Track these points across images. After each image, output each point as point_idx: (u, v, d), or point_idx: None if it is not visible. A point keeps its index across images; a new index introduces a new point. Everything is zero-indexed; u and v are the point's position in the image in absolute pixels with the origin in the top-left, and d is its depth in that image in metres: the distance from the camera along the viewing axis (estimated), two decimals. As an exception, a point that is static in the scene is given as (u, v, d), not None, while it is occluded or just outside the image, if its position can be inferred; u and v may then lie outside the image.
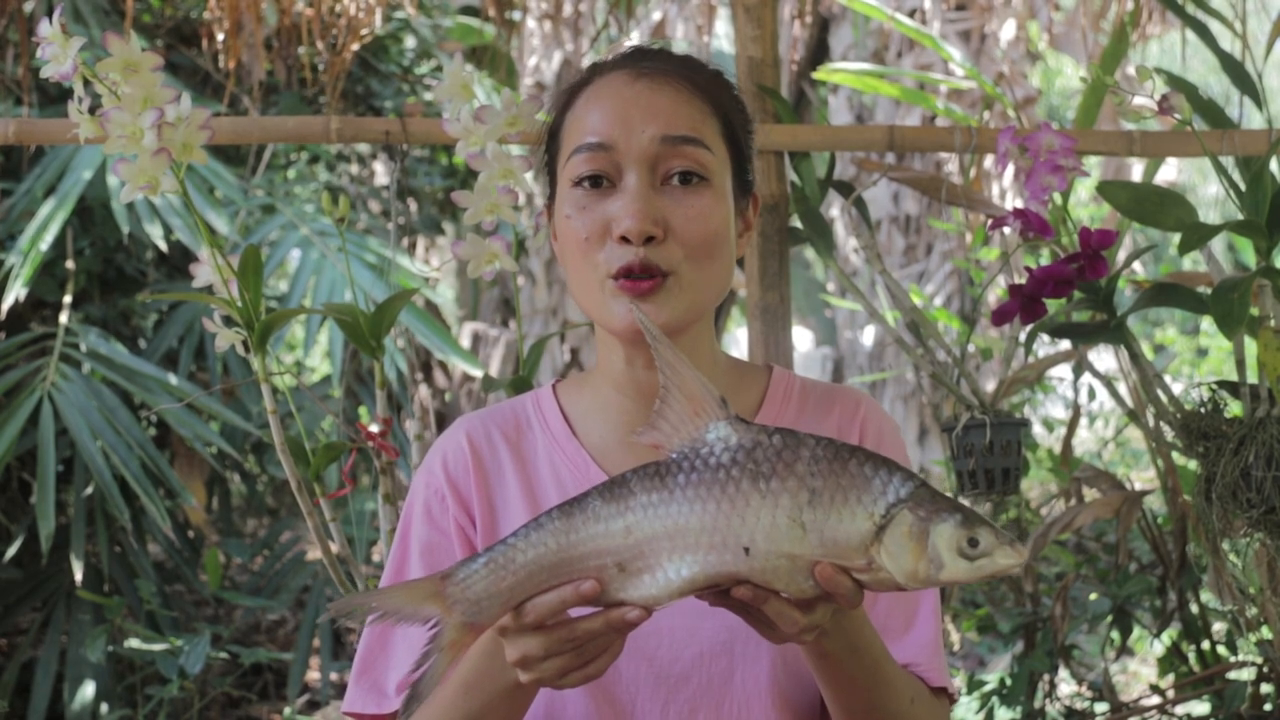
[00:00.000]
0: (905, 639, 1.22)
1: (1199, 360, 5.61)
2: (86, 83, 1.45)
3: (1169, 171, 6.60)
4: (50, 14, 1.48)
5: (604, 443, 1.25)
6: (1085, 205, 5.09)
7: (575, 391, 1.29)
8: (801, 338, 9.01)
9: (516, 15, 5.01)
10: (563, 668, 1.00)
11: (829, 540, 0.95)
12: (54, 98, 3.63)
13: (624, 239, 1.13)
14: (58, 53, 1.43)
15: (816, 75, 2.69)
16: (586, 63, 1.24)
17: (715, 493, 0.96)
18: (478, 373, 3.91)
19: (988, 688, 2.59)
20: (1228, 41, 2.04)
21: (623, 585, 0.98)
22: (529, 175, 1.58)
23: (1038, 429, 4.63)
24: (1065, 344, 2.60)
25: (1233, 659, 2.45)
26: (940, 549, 0.94)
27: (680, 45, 6.16)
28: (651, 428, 1.01)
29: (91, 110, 1.46)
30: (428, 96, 4.62)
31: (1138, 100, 1.66)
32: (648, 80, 1.17)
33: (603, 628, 0.99)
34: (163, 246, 3.33)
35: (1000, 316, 1.78)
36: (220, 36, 2.90)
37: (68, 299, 3.43)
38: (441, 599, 0.99)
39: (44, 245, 3.16)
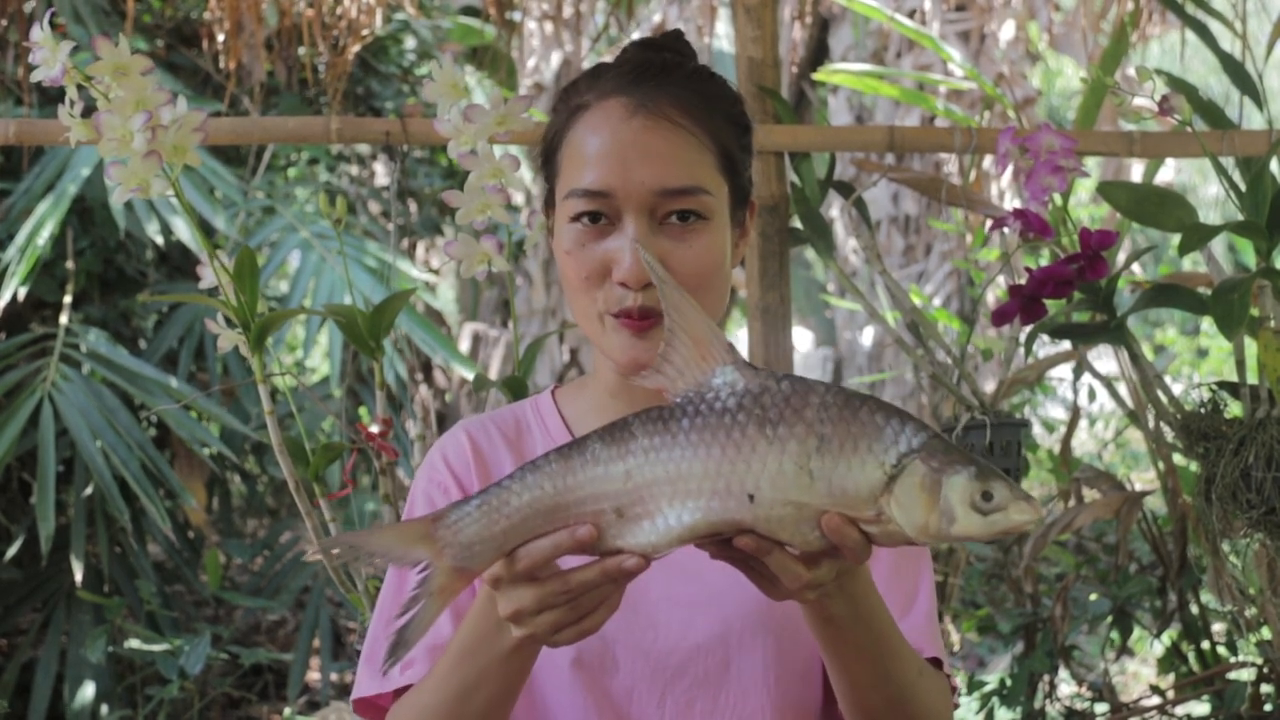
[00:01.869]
0: (905, 620, 1.20)
1: (1199, 361, 5.61)
2: (82, 85, 1.45)
3: (1166, 172, 6.60)
4: (49, 14, 1.48)
5: None
6: (1084, 205, 5.09)
7: (574, 396, 1.30)
8: (802, 338, 9.01)
9: (516, 16, 5.01)
10: (556, 622, 0.97)
11: (837, 489, 0.91)
12: (54, 98, 3.63)
13: (623, 283, 1.13)
14: (48, 56, 1.43)
15: (816, 76, 2.69)
16: (587, 64, 1.22)
17: (720, 437, 0.93)
18: (473, 375, 3.92)
19: (988, 688, 2.59)
20: (1228, 42, 2.04)
21: (621, 532, 0.94)
22: (520, 175, 1.58)
23: (1038, 430, 4.63)
24: (1065, 345, 2.60)
25: (1233, 659, 2.45)
26: (953, 501, 0.91)
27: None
28: (656, 371, 0.98)
29: (88, 112, 1.46)
30: (427, 97, 4.62)
31: (1138, 101, 1.66)
32: (644, 117, 1.15)
33: (598, 578, 0.95)
34: (160, 243, 3.33)
35: (1000, 317, 1.78)
36: (221, 37, 2.90)
37: (68, 299, 3.43)
38: (432, 541, 0.96)
39: (41, 241, 3.16)
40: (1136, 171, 5.22)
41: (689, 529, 0.93)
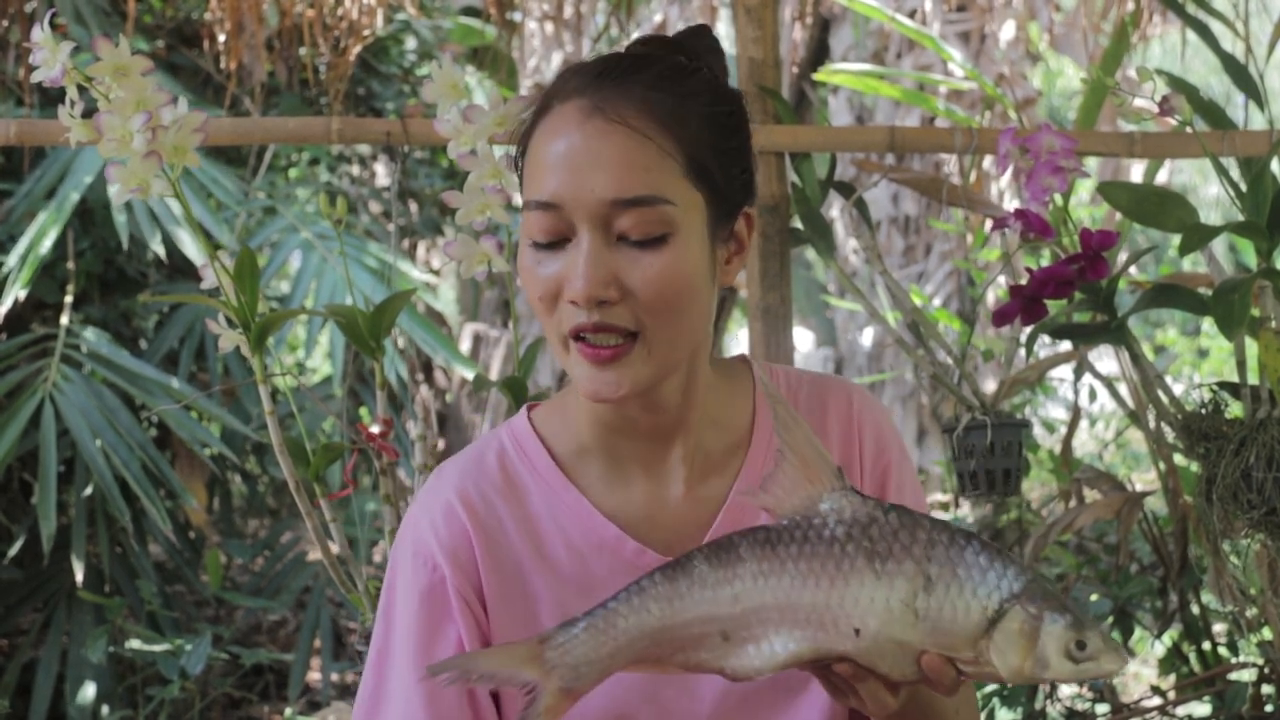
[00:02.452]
0: None
1: (1200, 361, 5.61)
2: (83, 86, 1.45)
3: (1163, 173, 6.59)
4: (50, 14, 1.48)
5: (603, 484, 1.17)
6: (1085, 206, 5.09)
7: (556, 424, 1.20)
8: (802, 338, 9.00)
9: (517, 16, 5.01)
10: None
11: (941, 630, 0.93)
12: (55, 98, 3.62)
13: (573, 302, 1.05)
14: (48, 57, 1.43)
15: (817, 76, 2.69)
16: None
17: (829, 569, 0.94)
18: (473, 376, 3.92)
19: (989, 689, 2.59)
20: (1229, 42, 2.04)
21: (725, 654, 0.95)
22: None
23: (1038, 430, 4.62)
24: (1066, 345, 2.59)
25: (1234, 660, 2.45)
26: (1048, 649, 0.92)
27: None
28: (764, 490, 0.98)
29: (89, 113, 1.46)
30: (427, 97, 4.62)
31: (1138, 101, 1.66)
32: (599, 121, 1.05)
33: None
34: (162, 253, 3.33)
35: (1001, 317, 1.78)
36: (221, 38, 2.90)
37: (69, 300, 3.43)
38: (540, 663, 0.96)
39: (43, 250, 3.17)
40: (1136, 172, 5.22)
41: (794, 656, 0.95)
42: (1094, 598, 2.64)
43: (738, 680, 0.96)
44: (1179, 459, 2.48)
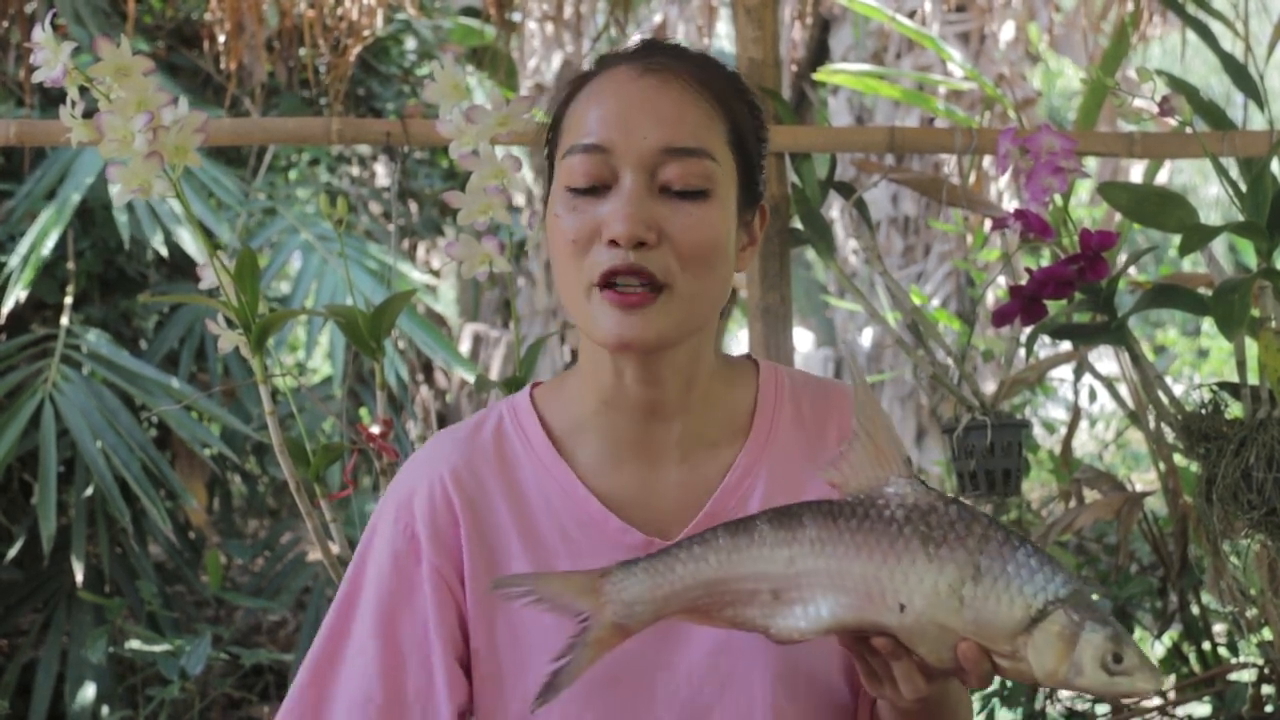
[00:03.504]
0: None
1: (1200, 361, 5.61)
2: (84, 87, 1.45)
3: (1163, 174, 6.59)
4: (50, 15, 1.48)
5: (594, 461, 1.17)
6: (1084, 206, 5.09)
7: (555, 401, 1.21)
8: (802, 338, 9.01)
9: (517, 17, 5.01)
10: None
11: (982, 620, 0.95)
12: (56, 99, 3.62)
13: (614, 242, 1.06)
14: (49, 57, 1.43)
15: (817, 76, 2.69)
16: (588, 65, 1.20)
17: (884, 545, 0.97)
18: (474, 377, 3.93)
19: (989, 689, 2.58)
20: (1229, 42, 2.04)
21: (773, 613, 0.99)
22: (522, 175, 1.57)
23: (1038, 430, 4.62)
24: (1066, 345, 2.60)
25: (1234, 660, 2.45)
26: (1085, 657, 0.95)
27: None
28: (833, 466, 1.01)
29: (90, 113, 1.46)
30: (428, 98, 4.62)
31: (1138, 102, 1.66)
32: (654, 78, 1.09)
33: None
34: (164, 253, 3.33)
35: (1001, 318, 1.78)
36: (221, 38, 2.90)
37: (69, 300, 3.43)
38: (596, 595, 1.00)
39: (45, 250, 3.17)
40: (1136, 172, 5.21)
41: (837, 621, 0.98)
42: (1094, 598, 2.64)
43: (780, 642, 0.99)
44: (1179, 459, 2.48)
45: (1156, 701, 2.54)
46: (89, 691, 3.21)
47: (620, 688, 1.13)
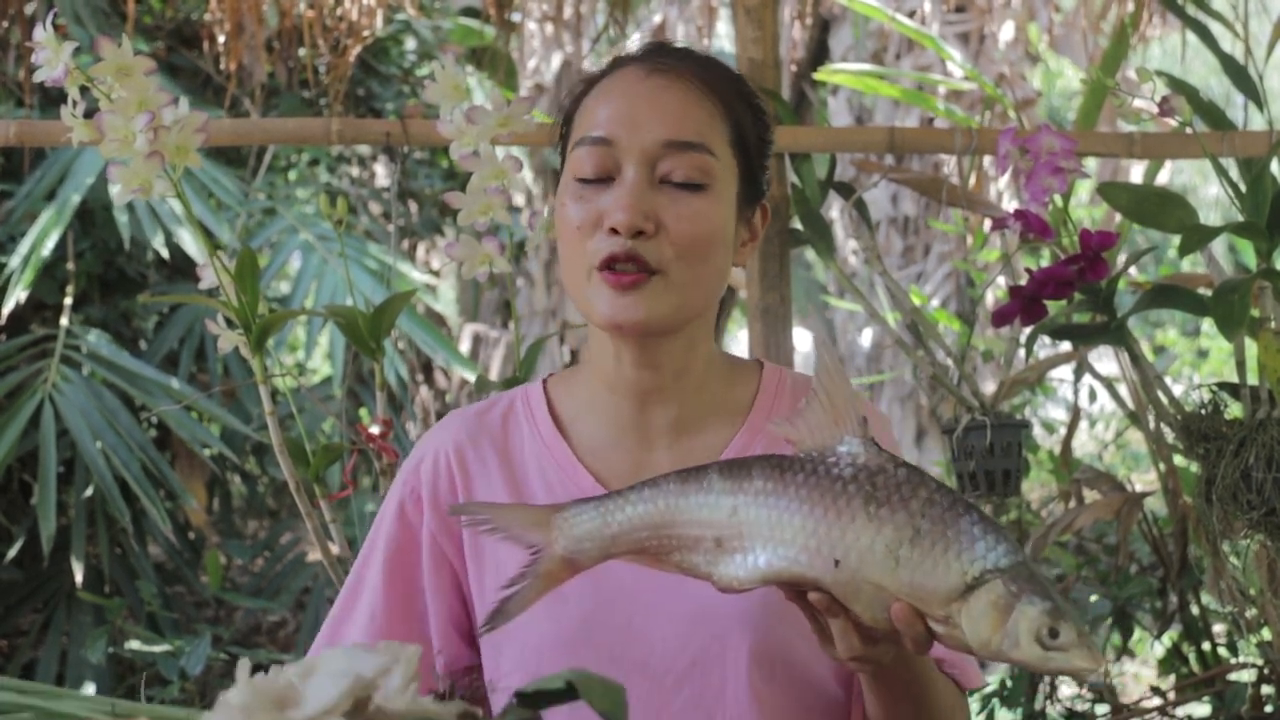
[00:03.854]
0: None
1: (1199, 362, 5.61)
2: (85, 87, 1.45)
3: (1163, 174, 6.59)
4: (51, 15, 1.48)
5: (593, 442, 1.24)
6: (1084, 206, 5.09)
7: (565, 388, 1.29)
8: (802, 338, 9.00)
9: (517, 17, 5.01)
10: None
11: (916, 582, 0.95)
12: (56, 99, 3.62)
13: (614, 230, 1.13)
14: (50, 57, 1.43)
15: (817, 76, 2.69)
16: (587, 65, 1.23)
17: (827, 500, 0.97)
18: (474, 377, 3.93)
19: (989, 689, 2.58)
20: (1228, 43, 2.04)
21: (714, 560, 1.00)
22: (522, 176, 1.57)
23: (1038, 431, 4.63)
24: (1066, 346, 2.59)
25: (1233, 660, 2.45)
26: (1020, 629, 0.94)
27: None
28: (789, 422, 1.02)
29: (90, 114, 1.46)
30: (428, 98, 4.62)
31: (1138, 102, 1.66)
32: (660, 77, 1.16)
33: None
34: (164, 253, 3.33)
35: (1001, 318, 1.78)
36: (221, 38, 2.90)
37: (68, 301, 3.43)
38: (548, 528, 1.03)
39: (45, 251, 3.17)
40: (1136, 173, 5.22)
41: (773, 572, 0.98)
42: (1094, 598, 2.64)
43: (724, 590, 1.00)
44: (1179, 459, 2.48)
45: (1156, 701, 2.54)
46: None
47: (591, 649, 1.18)
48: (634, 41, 1.44)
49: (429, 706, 0.67)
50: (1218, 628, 2.65)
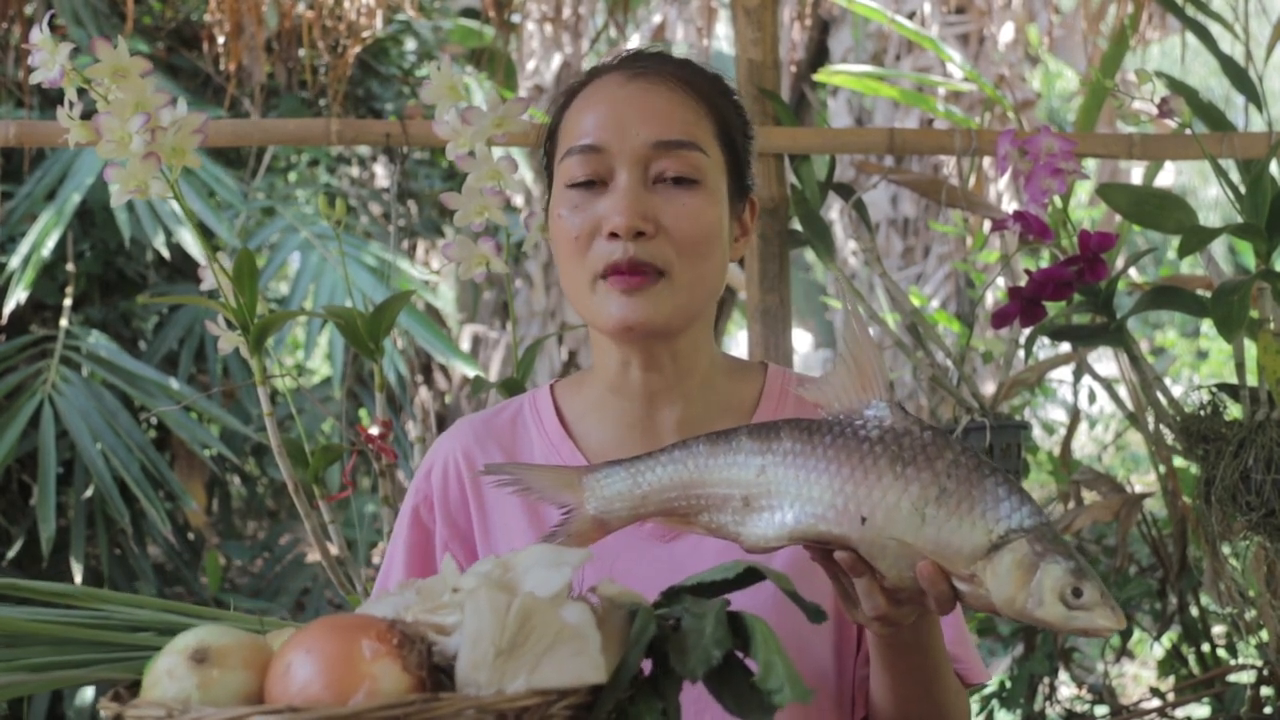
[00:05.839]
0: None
1: (1199, 363, 5.61)
2: (82, 88, 1.45)
3: (1166, 175, 6.60)
4: (49, 16, 1.48)
5: (601, 444, 1.25)
6: (1083, 208, 5.09)
7: (572, 392, 1.30)
8: (801, 340, 9.01)
9: (516, 18, 5.02)
10: None
11: (942, 540, 0.96)
12: (55, 100, 3.62)
13: (614, 235, 1.13)
14: (47, 58, 1.43)
15: (816, 77, 2.70)
16: (586, 66, 1.24)
17: (854, 460, 0.99)
18: (474, 373, 3.92)
19: (988, 690, 2.59)
20: (1228, 44, 2.04)
21: (742, 519, 1.02)
22: (519, 177, 1.57)
23: (1038, 432, 4.63)
24: (1065, 347, 2.60)
25: (1232, 662, 2.45)
26: (1044, 587, 0.95)
27: (680, 48, 6.16)
28: (817, 386, 1.04)
29: (88, 115, 1.46)
30: (425, 99, 4.62)
31: (1137, 103, 1.66)
32: (642, 81, 1.17)
33: None
34: (165, 253, 3.33)
35: (1000, 319, 1.78)
36: (221, 39, 2.90)
37: (68, 301, 3.43)
38: (580, 489, 1.05)
39: (45, 251, 3.17)
40: (1136, 174, 5.22)
41: (800, 531, 0.99)
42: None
43: (752, 550, 1.01)
44: (1178, 461, 2.48)
45: (1155, 703, 2.54)
46: (88, 692, 3.21)
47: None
48: (621, 50, 1.43)
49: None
50: (1217, 629, 2.65)
